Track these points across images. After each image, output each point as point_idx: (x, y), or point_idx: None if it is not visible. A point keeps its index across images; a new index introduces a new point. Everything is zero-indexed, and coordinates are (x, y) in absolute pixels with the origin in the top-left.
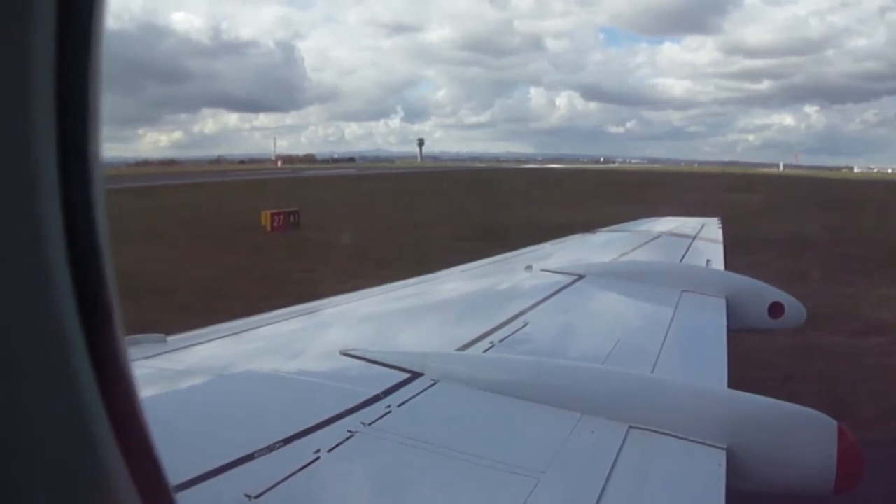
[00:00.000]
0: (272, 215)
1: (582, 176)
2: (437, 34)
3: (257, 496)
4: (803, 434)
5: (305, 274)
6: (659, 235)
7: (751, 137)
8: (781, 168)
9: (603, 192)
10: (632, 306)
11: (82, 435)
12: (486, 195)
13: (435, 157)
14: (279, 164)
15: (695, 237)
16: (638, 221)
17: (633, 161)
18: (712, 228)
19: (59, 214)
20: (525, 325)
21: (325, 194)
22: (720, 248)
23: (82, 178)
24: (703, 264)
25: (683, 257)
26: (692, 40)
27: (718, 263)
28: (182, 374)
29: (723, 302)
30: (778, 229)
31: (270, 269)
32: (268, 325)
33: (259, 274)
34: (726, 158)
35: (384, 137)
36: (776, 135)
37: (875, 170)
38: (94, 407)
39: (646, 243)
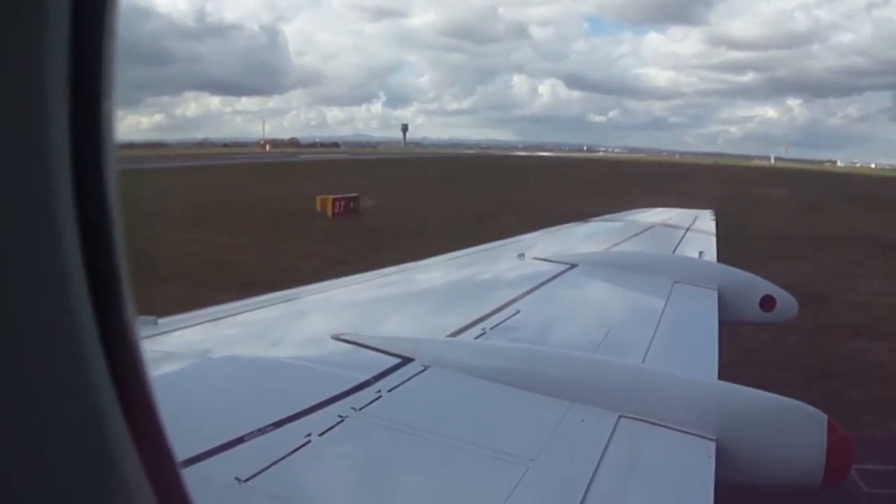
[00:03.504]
0: (333, 201)
1: (585, 165)
2: (421, 19)
3: (247, 479)
4: (793, 427)
5: None
6: (652, 226)
7: (733, 129)
8: (773, 160)
9: (629, 182)
10: (623, 296)
11: (93, 415)
12: (517, 183)
13: (417, 143)
14: (267, 147)
15: (688, 229)
16: (631, 212)
17: (616, 150)
18: (705, 220)
19: (70, 195)
20: (517, 312)
21: (347, 180)
22: (713, 240)
23: (94, 158)
24: (696, 256)
25: (676, 249)
26: (677, 31)
27: (711, 255)
28: (173, 357)
29: (714, 294)
30: (839, 226)
31: (368, 260)
32: (261, 308)
33: (361, 266)
34: (708, 149)
35: (366, 122)
36: (758, 127)
37: (858, 164)
38: (104, 386)
39: (639, 234)
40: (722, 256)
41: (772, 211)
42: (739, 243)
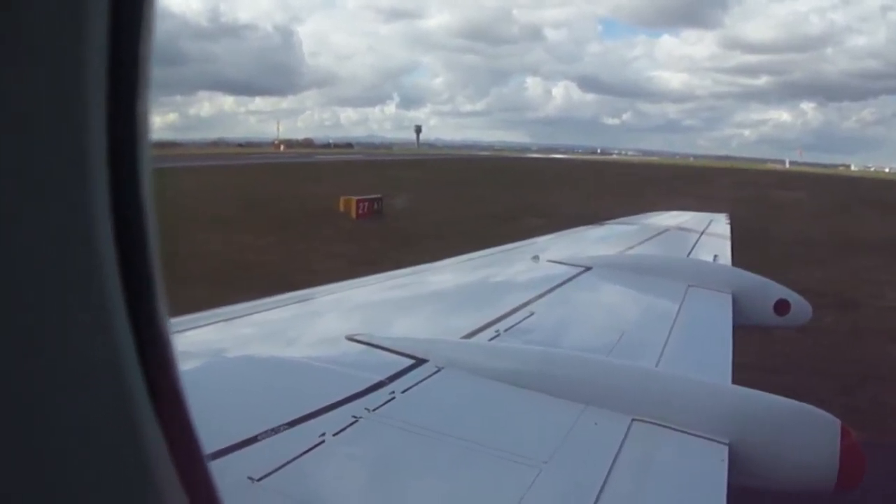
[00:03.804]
0: (357, 202)
1: (601, 167)
2: (436, 21)
3: (260, 479)
4: (806, 432)
5: None
6: (666, 230)
7: (746, 132)
8: (788, 164)
9: (648, 184)
10: (638, 299)
11: (125, 410)
12: (536, 185)
13: (430, 145)
14: (282, 148)
15: (702, 232)
16: (645, 215)
17: (629, 153)
18: (720, 224)
19: (107, 195)
20: (531, 314)
21: (366, 181)
22: (727, 244)
23: (130, 158)
24: (710, 260)
25: (691, 252)
26: (691, 34)
27: (725, 259)
28: (187, 356)
29: (729, 298)
30: (863, 231)
31: (400, 262)
32: (274, 308)
33: (394, 269)
34: (721, 153)
35: (380, 123)
36: (772, 131)
37: (872, 168)
38: (137, 383)
39: (653, 237)
40: (747, 260)
41: (794, 215)
42: (765, 246)
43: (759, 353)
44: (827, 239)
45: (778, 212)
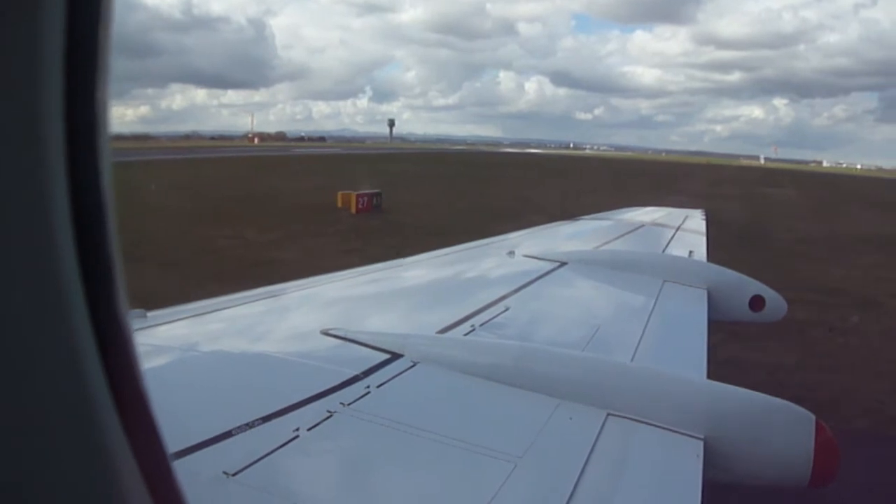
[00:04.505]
0: (357, 197)
1: (580, 163)
2: (409, 15)
3: (235, 473)
4: (781, 427)
5: None
6: (642, 225)
7: (718, 128)
8: (762, 160)
9: (631, 179)
10: (613, 294)
11: (86, 408)
12: (526, 179)
13: (402, 139)
14: (256, 141)
15: (678, 228)
16: (621, 210)
17: (602, 148)
18: (696, 220)
19: (64, 186)
20: (506, 309)
21: (351, 174)
22: (703, 240)
23: (88, 149)
24: (686, 255)
25: (666, 248)
26: (664, 29)
27: (701, 255)
28: (162, 350)
29: (704, 293)
30: (871, 229)
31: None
32: (250, 302)
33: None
34: (693, 148)
35: (351, 117)
36: (744, 126)
37: (844, 165)
38: (97, 379)
39: (629, 232)
40: (750, 258)
41: (789, 212)
42: (767, 245)
43: (803, 356)
44: (831, 236)
45: (776, 208)
